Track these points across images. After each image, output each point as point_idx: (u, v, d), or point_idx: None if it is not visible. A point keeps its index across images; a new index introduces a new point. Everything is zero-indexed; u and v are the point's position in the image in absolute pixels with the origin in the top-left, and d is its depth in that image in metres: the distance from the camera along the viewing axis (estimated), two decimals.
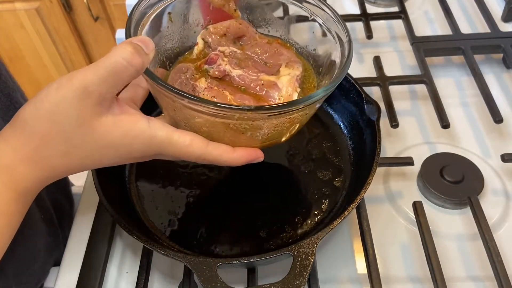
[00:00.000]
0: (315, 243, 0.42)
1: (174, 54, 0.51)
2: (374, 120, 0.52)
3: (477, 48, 0.69)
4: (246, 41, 0.51)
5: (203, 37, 0.50)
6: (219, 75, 0.45)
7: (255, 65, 0.47)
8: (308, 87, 0.49)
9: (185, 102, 0.37)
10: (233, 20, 0.51)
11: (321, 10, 0.48)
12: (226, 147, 0.41)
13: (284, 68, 0.47)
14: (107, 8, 1.49)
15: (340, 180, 0.54)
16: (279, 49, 0.50)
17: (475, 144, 0.61)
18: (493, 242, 0.47)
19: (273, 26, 0.54)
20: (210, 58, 0.47)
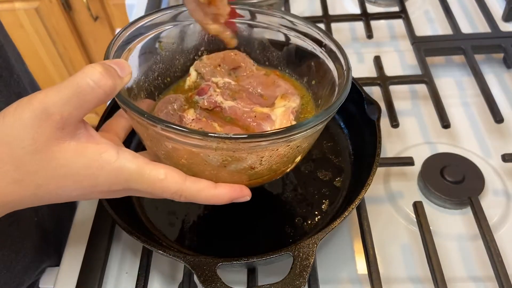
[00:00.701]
0: (315, 243, 0.42)
1: (164, 84, 0.49)
2: (374, 120, 0.52)
3: (477, 48, 0.69)
4: (242, 72, 0.49)
5: (196, 68, 0.49)
6: (209, 106, 0.43)
7: (250, 97, 0.45)
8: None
9: (158, 129, 0.34)
10: (228, 51, 0.50)
11: (322, 40, 0.45)
12: (207, 183, 0.37)
13: (279, 99, 0.45)
14: (106, 8, 1.49)
15: (340, 180, 0.54)
16: (277, 80, 0.48)
17: (476, 144, 0.61)
18: (494, 242, 0.47)
19: (271, 57, 0.51)
20: (201, 89, 0.45)
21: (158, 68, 0.48)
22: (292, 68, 0.50)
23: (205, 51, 0.51)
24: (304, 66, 0.49)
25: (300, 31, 0.47)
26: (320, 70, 0.46)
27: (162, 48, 0.47)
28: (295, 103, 0.44)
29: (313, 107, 0.47)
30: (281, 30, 0.49)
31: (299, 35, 0.47)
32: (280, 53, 0.51)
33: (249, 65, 0.50)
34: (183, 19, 0.47)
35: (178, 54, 0.50)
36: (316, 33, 0.45)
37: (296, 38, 0.48)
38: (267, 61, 0.51)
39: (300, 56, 0.49)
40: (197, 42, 0.50)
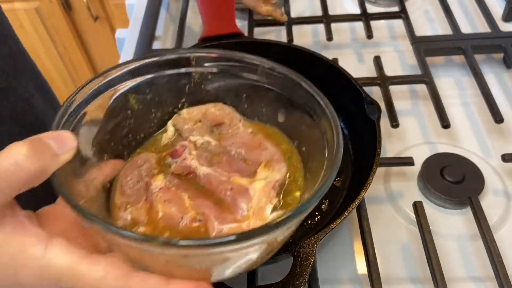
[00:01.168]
0: (315, 243, 0.42)
1: (136, 141, 0.44)
2: (374, 120, 0.52)
3: (477, 48, 0.69)
4: (226, 129, 0.44)
5: (175, 123, 0.44)
6: (182, 171, 0.39)
7: (230, 162, 0.41)
8: (291, 198, 0.39)
9: (94, 226, 0.29)
10: (211, 105, 0.45)
11: (319, 101, 0.39)
12: (157, 279, 0.30)
13: (262, 168, 0.40)
14: (106, 8, 1.49)
15: (340, 180, 0.54)
16: (264, 142, 0.42)
17: (476, 144, 0.61)
18: (494, 242, 0.47)
19: (260, 113, 0.45)
20: (175, 150, 0.41)
21: (129, 124, 0.43)
22: (283, 128, 0.44)
23: (186, 103, 0.46)
24: (295, 127, 0.43)
25: (294, 87, 0.41)
26: (312, 136, 0.40)
27: (134, 102, 0.42)
28: (280, 174, 0.39)
29: (302, 178, 0.41)
30: (273, 86, 0.42)
31: (292, 91, 0.41)
32: (270, 109, 0.45)
33: (235, 121, 0.45)
34: (160, 68, 0.42)
35: (154, 107, 0.44)
36: (313, 93, 0.39)
37: (288, 93, 0.42)
38: (256, 116, 0.46)
39: (292, 116, 0.43)
40: (177, 93, 0.45)
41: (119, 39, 0.84)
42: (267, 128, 0.45)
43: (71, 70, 1.69)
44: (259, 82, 0.43)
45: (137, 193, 0.39)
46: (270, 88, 0.42)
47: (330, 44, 0.75)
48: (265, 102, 0.44)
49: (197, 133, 0.43)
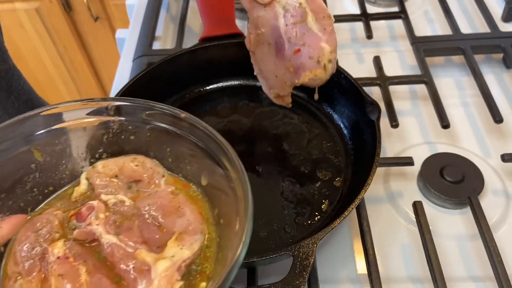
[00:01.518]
0: (315, 243, 0.42)
1: (43, 195, 0.40)
2: (374, 120, 0.52)
3: (477, 48, 0.69)
4: (144, 187, 0.41)
5: (88, 177, 0.41)
6: (85, 238, 0.36)
7: (142, 228, 0.37)
8: (199, 279, 0.35)
9: None
10: (130, 158, 0.42)
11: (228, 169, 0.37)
12: None
13: (173, 241, 0.36)
14: (107, 8, 1.49)
15: (340, 180, 0.54)
16: (183, 206, 0.39)
17: (475, 144, 0.61)
18: (493, 242, 0.47)
19: (185, 170, 0.42)
20: (80, 213, 0.37)
21: (33, 179, 0.40)
22: (206, 191, 0.41)
23: (104, 153, 0.43)
24: (216, 193, 0.39)
25: (210, 143, 0.38)
26: (228, 205, 0.37)
27: (39, 155, 0.39)
28: (190, 250, 0.36)
29: (215, 250, 0.37)
30: (195, 140, 0.40)
31: (209, 147, 0.38)
32: (194, 168, 0.41)
33: (156, 178, 0.41)
34: (73, 116, 0.40)
35: (65, 158, 0.41)
36: (224, 148, 0.36)
37: (207, 149, 0.39)
38: (181, 173, 0.42)
39: (214, 179, 0.39)
40: (94, 142, 0.42)
41: (119, 39, 0.84)
42: (191, 188, 0.41)
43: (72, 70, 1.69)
44: (181, 134, 0.40)
45: (31, 263, 0.35)
46: (192, 142, 0.40)
47: None
48: (189, 158, 0.41)
49: (112, 189, 0.40)
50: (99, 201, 0.39)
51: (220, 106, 0.64)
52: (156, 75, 0.60)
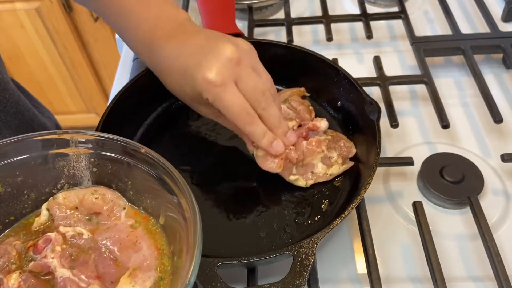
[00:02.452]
0: (315, 243, 0.42)
1: (3, 225, 0.41)
2: (374, 120, 0.52)
3: (477, 48, 0.69)
4: (104, 219, 0.42)
5: (49, 208, 0.41)
6: (40, 271, 0.37)
7: (97, 263, 0.38)
8: None
9: None
10: (90, 190, 0.42)
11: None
12: None
13: (126, 278, 0.37)
14: None
15: (340, 180, 0.54)
16: (140, 240, 0.40)
17: (475, 144, 0.61)
18: (493, 242, 0.47)
19: (145, 202, 0.43)
20: (36, 246, 0.38)
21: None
22: (164, 223, 0.42)
23: (66, 184, 0.43)
24: (173, 225, 0.40)
25: (165, 175, 0.39)
26: (183, 243, 0.38)
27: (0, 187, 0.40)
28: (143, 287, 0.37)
29: (169, 283, 0.38)
30: (153, 172, 0.40)
31: (166, 180, 0.39)
32: (153, 202, 0.42)
33: (116, 210, 0.42)
34: (32, 149, 0.41)
35: (27, 188, 0.42)
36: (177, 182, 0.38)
37: (165, 183, 0.40)
38: (142, 206, 0.43)
39: (170, 215, 0.41)
40: (55, 174, 0.43)
41: (120, 40, 0.84)
42: (150, 221, 0.42)
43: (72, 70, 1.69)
44: (141, 168, 0.41)
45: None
46: (151, 175, 0.40)
47: (330, 44, 0.75)
48: (148, 191, 0.42)
49: (71, 221, 0.41)
50: (57, 233, 0.39)
51: None
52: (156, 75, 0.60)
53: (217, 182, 0.55)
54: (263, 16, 0.84)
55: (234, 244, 0.50)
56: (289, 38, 0.73)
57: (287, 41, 0.73)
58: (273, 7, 0.84)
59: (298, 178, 0.53)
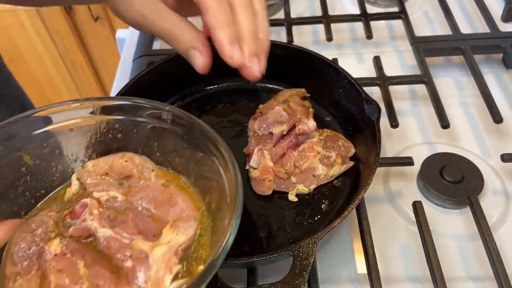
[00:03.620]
0: (315, 243, 0.42)
1: (35, 198, 0.41)
2: (374, 120, 0.52)
3: (477, 48, 0.69)
4: (135, 182, 0.42)
5: (79, 177, 0.41)
6: (80, 234, 0.37)
7: (136, 220, 0.38)
8: (196, 263, 0.37)
9: None
10: (118, 156, 0.42)
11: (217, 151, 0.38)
12: None
13: (168, 229, 0.37)
14: (107, 8, 1.49)
15: (340, 180, 0.54)
16: (175, 196, 0.40)
17: (475, 144, 0.61)
18: (493, 242, 0.47)
19: (173, 162, 0.43)
20: (73, 211, 0.38)
21: (24, 183, 0.40)
22: (196, 181, 0.42)
23: (93, 153, 0.43)
24: (206, 181, 0.41)
25: (195, 130, 0.40)
26: (218, 191, 0.38)
27: (28, 158, 0.40)
28: (186, 235, 0.37)
29: (209, 237, 0.38)
30: (180, 131, 0.41)
31: (196, 137, 0.40)
32: (182, 159, 0.43)
33: (146, 173, 0.42)
34: (57, 120, 0.41)
35: (55, 160, 0.42)
36: (209, 134, 0.38)
37: (193, 138, 0.40)
38: (170, 166, 0.43)
39: (202, 167, 0.41)
40: (81, 144, 0.43)
41: (120, 39, 0.84)
42: (181, 179, 0.43)
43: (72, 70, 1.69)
44: (167, 128, 0.41)
45: (29, 262, 0.36)
46: (178, 134, 0.41)
47: (330, 44, 0.75)
48: (176, 150, 0.42)
49: (103, 187, 0.41)
50: (91, 198, 0.39)
51: (220, 106, 0.64)
52: (156, 75, 0.60)
53: None
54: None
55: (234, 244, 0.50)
56: (289, 38, 0.73)
57: (287, 41, 0.73)
58: (273, 7, 0.84)
59: (299, 188, 0.53)
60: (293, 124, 0.56)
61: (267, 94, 0.65)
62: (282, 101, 0.59)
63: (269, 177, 0.52)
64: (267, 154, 0.54)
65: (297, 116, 0.56)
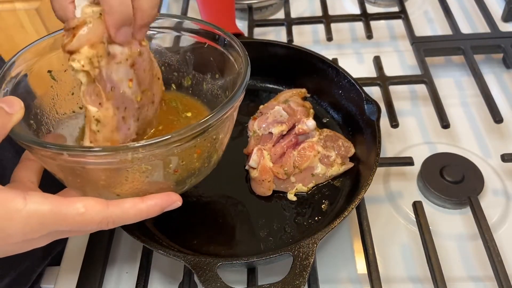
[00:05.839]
0: (315, 243, 0.42)
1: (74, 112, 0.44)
2: (374, 120, 0.52)
3: (477, 48, 0.69)
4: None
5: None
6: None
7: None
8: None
9: (64, 156, 0.32)
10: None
11: (214, 34, 0.46)
12: (131, 200, 0.35)
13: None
14: None
15: (340, 180, 0.54)
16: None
17: (475, 144, 0.61)
18: (493, 242, 0.47)
19: (171, 62, 0.50)
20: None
21: (57, 100, 0.43)
22: (195, 68, 0.50)
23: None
24: (204, 62, 0.48)
25: (190, 29, 0.47)
26: (220, 62, 0.46)
27: (54, 77, 0.41)
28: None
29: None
30: (170, 32, 0.47)
31: (191, 34, 0.47)
32: (178, 56, 0.49)
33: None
34: None
35: None
36: (208, 27, 0.45)
37: (189, 37, 0.47)
38: (168, 66, 0.50)
39: (199, 54, 0.49)
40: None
41: None
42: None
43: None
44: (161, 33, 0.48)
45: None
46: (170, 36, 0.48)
47: (330, 44, 0.75)
48: (172, 52, 0.49)
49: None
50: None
51: None
52: None
53: (217, 182, 0.55)
54: (263, 16, 0.84)
55: (234, 244, 0.50)
56: (289, 38, 0.73)
57: (287, 41, 0.73)
58: (273, 7, 0.84)
59: (298, 187, 0.53)
60: (293, 124, 0.56)
61: (267, 94, 0.65)
62: (282, 101, 0.59)
63: (268, 177, 0.52)
64: (266, 154, 0.54)
65: (297, 116, 0.56)
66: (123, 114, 0.38)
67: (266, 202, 0.53)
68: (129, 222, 0.35)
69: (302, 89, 0.62)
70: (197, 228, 0.51)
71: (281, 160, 0.54)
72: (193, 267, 0.41)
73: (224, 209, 0.53)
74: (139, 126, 0.41)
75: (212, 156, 0.41)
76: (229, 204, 0.54)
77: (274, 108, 0.57)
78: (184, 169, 0.38)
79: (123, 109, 0.38)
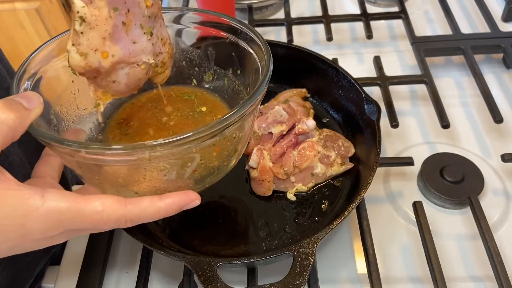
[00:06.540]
0: (315, 243, 0.42)
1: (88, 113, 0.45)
2: (374, 120, 0.52)
3: (477, 48, 0.69)
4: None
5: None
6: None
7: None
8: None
9: (82, 153, 0.32)
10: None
11: (236, 28, 0.45)
12: (149, 198, 0.35)
13: None
14: None
15: (340, 180, 0.54)
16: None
17: (475, 144, 0.61)
18: (493, 242, 0.47)
19: (192, 57, 0.50)
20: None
21: (78, 95, 0.43)
22: (217, 63, 0.49)
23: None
24: (226, 58, 0.48)
25: (212, 23, 0.46)
26: (241, 57, 0.46)
27: (75, 73, 0.40)
28: None
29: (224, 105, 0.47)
30: (192, 26, 0.47)
31: (213, 28, 0.46)
32: (199, 51, 0.49)
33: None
34: None
35: None
36: (229, 22, 0.45)
37: (211, 31, 0.47)
38: (189, 61, 0.50)
39: (220, 49, 0.48)
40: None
41: None
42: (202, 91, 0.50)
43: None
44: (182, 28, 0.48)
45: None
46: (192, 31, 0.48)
47: (330, 44, 0.75)
48: (194, 48, 0.49)
49: None
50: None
51: None
52: None
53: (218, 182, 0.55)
54: (263, 16, 0.84)
55: (234, 244, 0.50)
56: (289, 38, 0.73)
57: (287, 41, 0.73)
58: (273, 7, 0.84)
59: (297, 187, 0.53)
60: (293, 124, 0.56)
61: (267, 94, 0.65)
62: (282, 101, 0.59)
63: (268, 177, 0.52)
64: (266, 154, 0.54)
65: (297, 116, 0.56)
66: (124, 19, 0.33)
67: (266, 202, 0.53)
68: (147, 220, 0.35)
69: (302, 89, 0.62)
70: (197, 228, 0.51)
71: (281, 160, 0.54)
72: (193, 267, 0.41)
73: (224, 209, 0.53)
74: (153, 51, 0.36)
75: (231, 155, 0.40)
76: (229, 204, 0.54)
77: (274, 108, 0.57)
78: (203, 168, 0.37)
79: (125, 12, 0.33)
